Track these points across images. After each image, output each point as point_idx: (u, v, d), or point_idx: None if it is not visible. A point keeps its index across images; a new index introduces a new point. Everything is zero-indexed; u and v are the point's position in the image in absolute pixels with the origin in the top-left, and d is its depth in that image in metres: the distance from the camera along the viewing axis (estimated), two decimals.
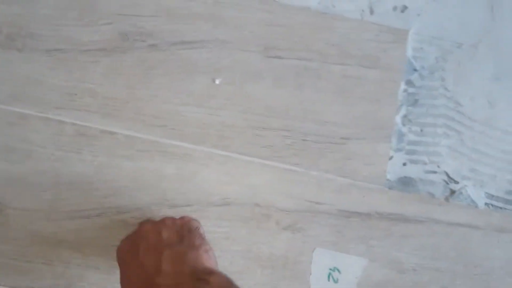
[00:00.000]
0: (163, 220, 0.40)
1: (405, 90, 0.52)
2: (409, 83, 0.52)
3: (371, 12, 0.54)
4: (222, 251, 0.49)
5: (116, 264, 0.40)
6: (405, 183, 0.51)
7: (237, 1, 0.52)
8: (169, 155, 0.51)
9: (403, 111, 0.52)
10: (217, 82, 0.52)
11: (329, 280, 0.50)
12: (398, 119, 0.52)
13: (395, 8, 0.54)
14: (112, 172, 0.51)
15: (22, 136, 0.51)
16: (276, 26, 0.52)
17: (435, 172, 0.51)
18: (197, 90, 0.52)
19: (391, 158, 0.51)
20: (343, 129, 0.51)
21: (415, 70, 0.52)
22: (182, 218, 0.41)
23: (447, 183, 0.51)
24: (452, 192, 0.51)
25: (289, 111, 0.51)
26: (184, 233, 0.38)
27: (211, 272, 0.34)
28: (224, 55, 0.51)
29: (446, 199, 0.51)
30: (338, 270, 0.50)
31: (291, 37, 0.52)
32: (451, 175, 0.51)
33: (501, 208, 0.51)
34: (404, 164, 0.51)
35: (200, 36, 0.52)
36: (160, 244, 0.37)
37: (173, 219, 0.40)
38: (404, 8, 0.54)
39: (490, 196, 0.52)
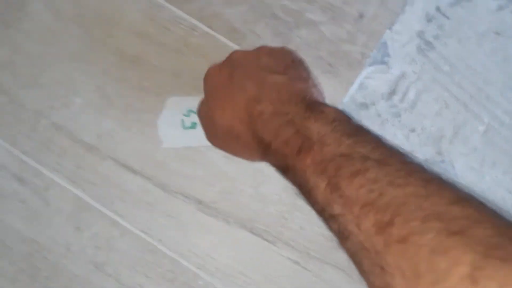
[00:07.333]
0: (259, 48, 0.33)
1: None
2: None
3: None
4: None
5: None
6: None
7: None
8: None
9: None
10: None
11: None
12: None
13: None
14: None
15: None
16: None
17: None
18: None
19: None
20: None
21: None
22: (281, 47, 0.33)
23: None
24: None
25: None
26: (287, 62, 0.32)
27: (324, 104, 0.28)
28: None
29: None
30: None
31: None
32: None
33: None
34: None
35: None
36: (260, 70, 0.31)
37: (270, 47, 0.33)
38: None
39: None
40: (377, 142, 0.24)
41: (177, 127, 0.42)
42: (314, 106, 0.27)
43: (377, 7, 0.45)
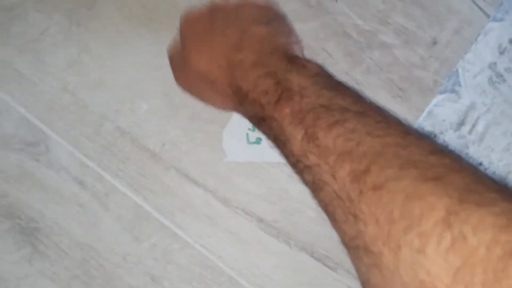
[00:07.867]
0: (240, 1, 0.32)
1: None
2: None
3: None
4: None
5: None
6: None
7: None
8: None
9: None
10: None
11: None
12: None
13: None
14: None
15: None
16: None
17: None
18: None
19: None
20: None
21: None
22: (264, 1, 0.32)
23: None
24: None
25: None
26: (270, 16, 0.31)
27: (306, 59, 0.27)
28: None
29: None
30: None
31: None
32: None
33: None
34: None
35: None
36: (242, 19, 0.30)
37: (252, 1, 0.32)
38: None
39: None
40: (357, 96, 0.24)
41: (241, 141, 0.41)
42: (296, 60, 0.27)
43: (451, 34, 0.44)
